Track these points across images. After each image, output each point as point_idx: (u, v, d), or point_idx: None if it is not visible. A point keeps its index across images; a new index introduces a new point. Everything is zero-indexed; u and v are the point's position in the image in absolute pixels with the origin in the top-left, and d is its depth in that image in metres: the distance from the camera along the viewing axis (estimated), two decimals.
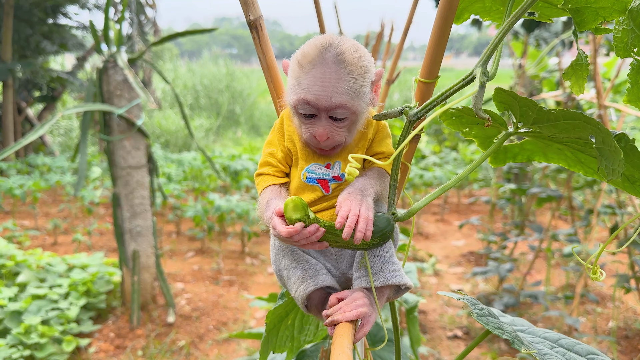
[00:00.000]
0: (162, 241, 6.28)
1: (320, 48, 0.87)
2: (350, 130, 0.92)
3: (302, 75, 0.87)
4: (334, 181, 0.94)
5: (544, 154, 1.02)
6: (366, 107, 0.91)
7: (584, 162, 0.96)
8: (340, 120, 0.89)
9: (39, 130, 3.56)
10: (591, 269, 0.89)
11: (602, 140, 0.79)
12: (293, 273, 0.92)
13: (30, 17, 9.26)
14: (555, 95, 4.11)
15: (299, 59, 0.88)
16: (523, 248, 5.82)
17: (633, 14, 0.80)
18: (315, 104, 0.86)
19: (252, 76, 19.44)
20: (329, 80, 0.85)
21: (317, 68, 0.86)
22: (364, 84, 0.88)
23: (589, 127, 0.79)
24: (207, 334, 4.09)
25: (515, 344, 0.81)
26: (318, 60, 0.86)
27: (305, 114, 0.89)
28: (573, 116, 0.79)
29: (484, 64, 0.81)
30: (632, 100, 0.89)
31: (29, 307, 3.74)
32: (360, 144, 0.96)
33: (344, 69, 0.86)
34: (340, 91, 0.85)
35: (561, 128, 0.84)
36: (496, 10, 0.98)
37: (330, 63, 0.85)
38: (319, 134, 0.89)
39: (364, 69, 0.88)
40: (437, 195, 0.88)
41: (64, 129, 12.39)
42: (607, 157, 0.81)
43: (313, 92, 0.85)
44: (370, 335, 1.77)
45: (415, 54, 77.00)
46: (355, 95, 0.87)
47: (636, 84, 0.87)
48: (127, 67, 3.94)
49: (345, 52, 0.86)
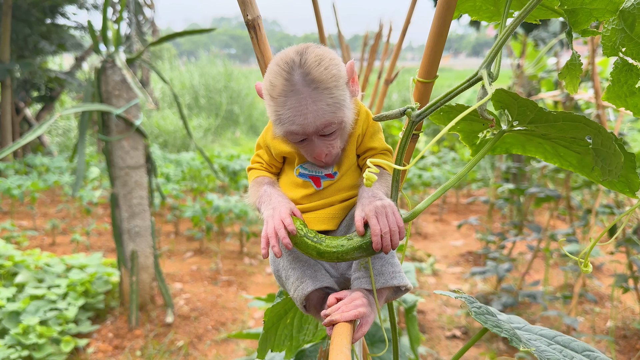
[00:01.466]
0: (160, 241, 6.27)
1: (285, 75, 0.85)
2: (343, 136, 0.93)
3: (279, 108, 0.86)
4: (326, 178, 0.94)
5: (522, 146, 1.03)
6: (349, 110, 0.91)
7: (562, 156, 0.98)
8: (331, 135, 0.89)
9: (37, 130, 3.56)
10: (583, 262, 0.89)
11: (601, 142, 0.80)
12: (291, 273, 0.92)
13: (29, 17, 9.24)
14: (553, 95, 4.11)
15: (270, 92, 0.87)
16: (521, 248, 5.83)
17: (625, 15, 0.82)
18: (303, 132, 0.86)
19: (251, 76, 19.44)
20: (306, 107, 0.84)
21: (290, 98, 0.84)
22: (340, 93, 0.87)
23: (589, 129, 0.81)
24: (205, 334, 4.09)
25: (514, 341, 0.81)
26: (288, 89, 0.84)
27: (297, 141, 0.89)
28: (574, 118, 0.80)
29: (489, 65, 0.81)
30: (610, 97, 0.91)
31: (27, 308, 3.73)
32: (349, 140, 0.96)
33: (316, 89, 0.84)
34: (321, 113, 0.84)
35: (559, 128, 0.85)
36: (485, 10, 0.99)
37: (300, 88, 0.84)
38: (317, 154, 0.89)
39: (335, 78, 0.86)
40: (439, 195, 0.88)
41: (62, 129, 12.37)
42: (604, 158, 0.82)
43: (297, 123, 0.85)
44: (369, 335, 1.77)
45: (414, 54, 77.07)
46: (336, 108, 0.86)
47: (618, 82, 0.89)
48: (125, 67, 3.93)
49: (310, 71, 0.84)
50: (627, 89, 0.89)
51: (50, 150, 10.51)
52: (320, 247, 0.85)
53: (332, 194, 0.94)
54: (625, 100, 0.90)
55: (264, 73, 1.06)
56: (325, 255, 0.85)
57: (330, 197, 0.94)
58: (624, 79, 0.88)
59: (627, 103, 0.90)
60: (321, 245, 0.86)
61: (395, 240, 0.82)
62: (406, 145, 0.89)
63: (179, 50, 33.79)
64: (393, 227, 0.82)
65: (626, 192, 0.92)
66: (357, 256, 0.85)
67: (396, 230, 0.82)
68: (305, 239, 0.86)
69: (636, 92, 0.88)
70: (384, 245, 0.82)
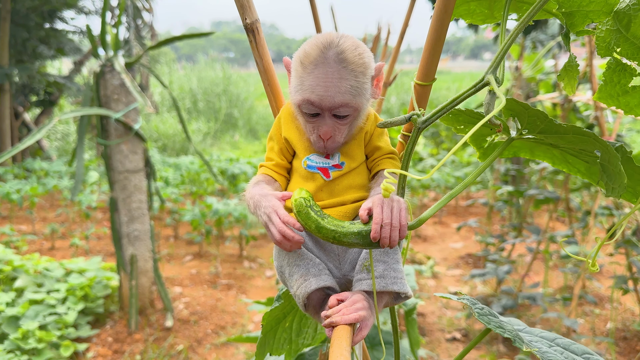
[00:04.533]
0: (159, 245, 6.27)
1: (322, 47, 0.89)
2: (352, 127, 0.95)
3: (305, 75, 0.90)
4: (334, 169, 0.96)
5: (531, 150, 1.04)
6: (367, 103, 0.94)
7: (570, 163, 0.99)
8: (343, 118, 0.92)
9: (36, 134, 3.55)
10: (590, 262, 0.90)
11: (608, 159, 0.82)
12: (296, 271, 0.92)
13: (27, 21, 9.25)
14: (551, 97, 4.12)
15: (301, 59, 0.91)
16: (521, 250, 5.82)
17: (619, 15, 0.83)
18: (319, 104, 0.89)
19: (250, 80, 19.46)
20: (331, 81, 0.88)
21: (319, 68, 0.88)
22: (365, 81, 0.91)
23: (598, 145, 0.82)
24: (205, 338, 4.08)
25: (517, 342, 0.82)
26: (320, 60, 0.88)
27: (309, 113, 0.91)
28: (584, 133, 0.82)
29: (495, 70, 0.82)
30: (602, 97, 0.92)
31: (27, 312, 3.73)
32: (357, 135, 0.98)
33: (345, 68, 0.88)
34: (342, 90, 0.88)
35: (568, 140, 0.87)
36: (480, 13, 1.00)
37: (332, 62, 0.88)
38: (323, 132, 0.91)
39: (364, 66, 0.90)
40: (445, 202, 0.88)
41: (61, 133, 12.37)
42: (610, 175, 0.83)
43: (316, 93, 0.88)
44: (369, 338, 1.77)
45: (412, 57, 77.25)
46: (357, 93, 0.89)
47: (610, 82, 0.91)
48: (124, 71, 3.94)
49: (345, 50, 0.88)
50: (620, 89, 0.90)
51: (49, 155, 10.50)
52: (320, 222, 0.85)
53: (343, 191, 0.95)
54: (617, 99, 0.91)
55: (263, 76, 1.07)
56: (322, 231, 0.85)
57: (341, 195, 0.95)
58: (616, 79, 0.90)
59: (619, 102, 0.91)
60: (322, 220, 0.85)
61: (395, 236, 0.81)
62: (412, 152, 0.90)
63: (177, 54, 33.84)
64: (395, 221, 0.82)
65: (633, 201, 0.93)
66: (354, 242, 0.84)
67: (397, 226, 0.82)
68: (310, 210, 0.87)
69: (629, 92, 0.89)
70: (382, 237, 0.81)
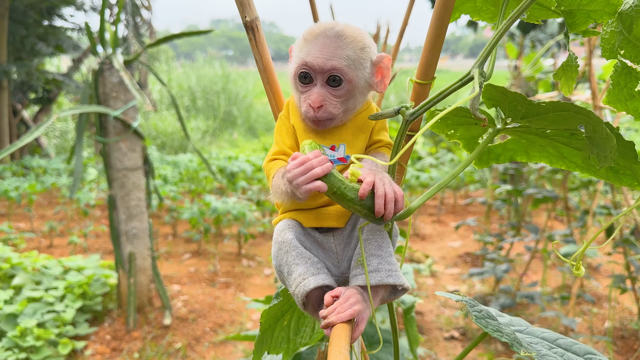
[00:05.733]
0: (158, 243, 6.26)
1: (325, 26, 0.93)
2: (346, 104, 0.94)
3: (304, 45, 0.93)
4: (338, 162, 0.95)
5: (526, 152, 1.03)
6: (364, 83, 0.94)
7: (566, 157, 0.97)
8: (336, 88, 0.92)
9: (35, 132, 3.55)
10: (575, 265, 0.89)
11: (593, 129, 0.79)
12: (295, 269, 0.91)
13: (26, 18, 9.23)
14: (550, 96, 4.12)
15: (305, 34, 0.94)
16: (519, 249, 5.83)
17: (622, 17, 0.82)
18: (312, 65, 0.91)
19: (249, 78, 19.44)
20: (328, 47, 0.91)
21: (319, 39, 0.92)
22: (363, 57, 0.93)
23: (579, 117, 0.80)
24: (203, 336, 4.08)
25: (515, 346, 0.81)
26: (321, 34, 0.92)
27: (303, 77, 0.93)
28: (563, 107, 0.79)
29: (481, 65, 0.81)
30: (611, 101, 0.90)
31: (25, 310, 3.72)
32: (364, 129, 0.98)
33: (343, 40, 0.91)
34: (338, 56, 0.90)
35: (550, 120, 0.84)
36: (486, 10, 0.99)
37: (331, 36, 0.91)
38: (313, 100, 0.91)
39: (364, 43, 0.93)
40: (434, 193, 0.88)
41: (60, 131, 12.35)
42: (597, 144, 0.81)
43: (312, 55, 0.91)
44: (367, 336, 1.77)
45: (411, 56, 77.18)
46: (352, 64, 0.91)
47: (617, 85, 0.88)
48: (122, 69, 3.93)
49: (346, 28, 0.92)
50: (627, 92, 0.88)
51: (48, 152, 10.48)
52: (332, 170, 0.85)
53: None
54: (625, 103, 0.89)
55: (262, 74, 1.07)
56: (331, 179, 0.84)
57: None
58: (623, 82, 0.87)
59: (627, 107, 0.89)
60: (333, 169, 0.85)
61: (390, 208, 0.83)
62: (400, 144, 0.89)
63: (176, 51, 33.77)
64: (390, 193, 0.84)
65: (635, 185, 0.90)
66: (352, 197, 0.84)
67: (392, 198, 0.83)
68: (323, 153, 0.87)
69: (636, 96, 0.87)
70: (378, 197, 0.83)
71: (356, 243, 0.94)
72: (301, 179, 0.83)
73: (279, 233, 0.95)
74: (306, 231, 0.96)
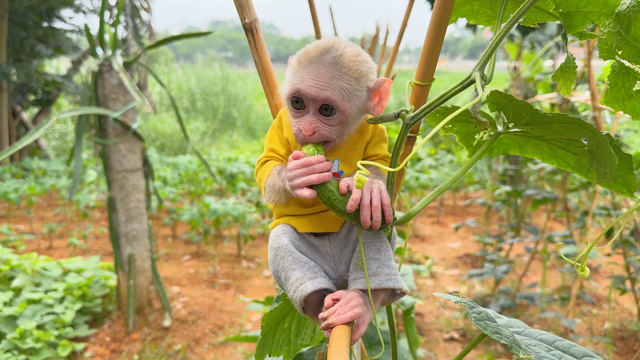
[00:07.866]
0: (157, 245, 6.26)
1: (322, 49, 0.89)
2: (341, 131, 0.93)
3: (299, 69, 0.90)
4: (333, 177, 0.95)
5: (520, 147, 1.04)
6: (358, 112, 0.93)
7: (559, 157, 0.98)
8: (328, 117, 0.90)
9: (34, 134, 3.55)
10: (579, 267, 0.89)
11: (597, 144, 0.80)
12: (292, 274, 0.91)
13: (25, 20, 9.23)
14: (550, 97, 4.12)
15: (300, 57, 0.91)
16: (519, 250, 5.83)
17: (620, 18, 0.82)
18: (305, 93, 0.88)
19: (248, 79, 19.45)
20: (322, 76, 0.88)
21: (313, 65, 0.89)
22: (358, 88, 0.90)
23: (584, 131, 0.81)
24: (203, 337, 4.08)
25: (513, 348, 0.81)
26: (316, 60, 0.89)
27: (296, 103, 0.91)
28: (569, 120, 0.80)
29: (482, 67, 0.81)
30: (608, 101, 0.91)
31: (24, 312, 3.72)
32: (357, 145, 0.97)
33: (338, 70, 0.88)
34: (331, 87, 0.88)
35: (554, 130, 0.85)
36: (483, 14, 0.99)
37: (327, 64, 0.88)
38: (304, 128, 0.90)
39: (360, 73, 0.89)
40: (434, 197, 0.88)
41: (59, 132, 12.35)
42: (599, 160, 0.82)
43: (305, 82, 0.88)
44: (367, 338, 1.77)
45: (411, 57, 77.27)
46: (345, 95, 0.89)
47: (615, 85, 0.89)
48: (122, 71, 3.93)
49: (344, 55, 0.89)
50: (624, 92, 0.88)
51: (47, 154, 10.48)
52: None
53: None
54: (623, 103, 0.89)
55: (262, 76, 1.06)
56: (322, 189, 0.86)
57: None
58: (621, 82, 0.88)
59: (625, 106, 0.90)
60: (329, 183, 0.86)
61: (377, 217, 0.84)
62: (400, 147, 0.89)
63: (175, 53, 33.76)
64: (376, 202, 0.84)
65: (624, 192, 0.92)
66: (341, 209, 0.85)
67: (378, 207, 0.84)
68: None
69: (634, 96, 0.87)
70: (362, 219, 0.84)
71: (353, 245, 0.94)
72: (298, 181, 0.85)
73: (275, 239, 0.95)
74: (301, 236, 0.96)
